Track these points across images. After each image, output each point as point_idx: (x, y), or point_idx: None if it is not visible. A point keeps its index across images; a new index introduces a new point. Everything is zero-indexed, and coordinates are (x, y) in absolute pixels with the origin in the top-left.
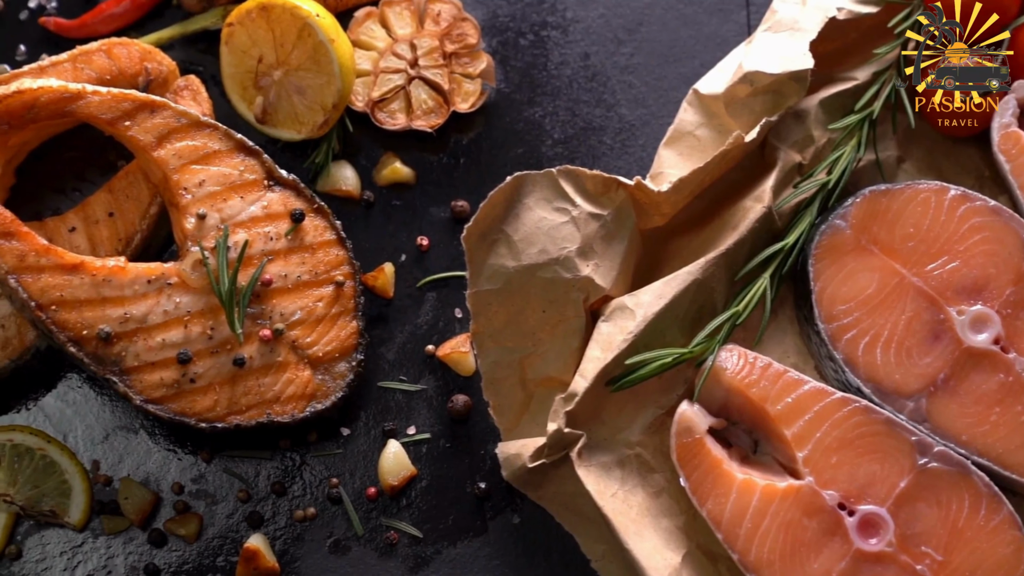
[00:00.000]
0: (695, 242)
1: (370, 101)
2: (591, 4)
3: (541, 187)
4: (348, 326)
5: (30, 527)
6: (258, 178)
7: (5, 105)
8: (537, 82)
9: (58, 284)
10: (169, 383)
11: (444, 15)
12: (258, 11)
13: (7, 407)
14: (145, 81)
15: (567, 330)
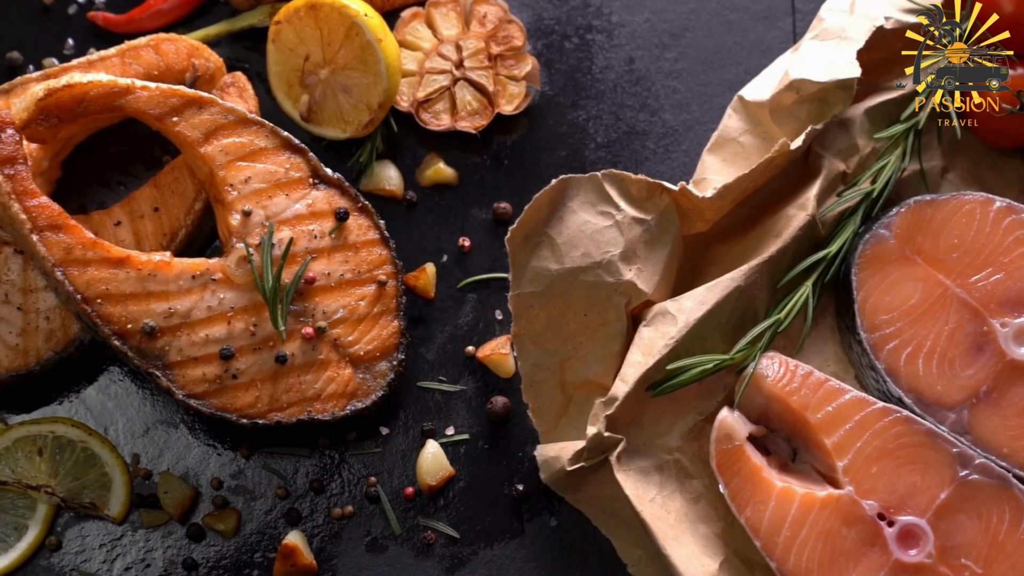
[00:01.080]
0: (737, 249)
1: (415, 101)
2: (637, 8)
3: (585, 191)
4: (390, 325)
5: (70, 519)
6: (303, 176)
7: (55, 99)
8: (581, 85)
9: (104, 278)
10: (211, 379)
11: (490, 17)
12: (306, 9)
13: (49, 399)
14: (192, 77)
15: (608, 334)
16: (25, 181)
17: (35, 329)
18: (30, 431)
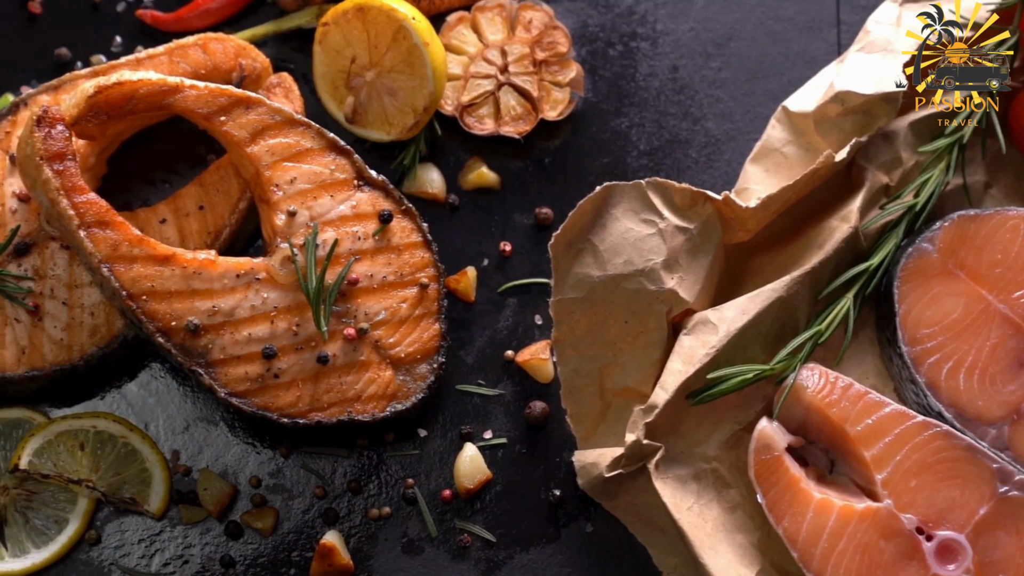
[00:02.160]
0: (778, 259)
1: (459, 105)
2: (681, 17)
3: (629, 198)
4: (431, 328)
5: (109, 513)
6: (348, 177)
7: (105, 96)
8: (625, 93)
9: (149, 275)
10: (253, 377)
11: (535, 23)
12: (354, 12)
13: (91, 393)
14: (239, 77)
15: (648, 341)
16: (74, 177)
17: (79, 324)
18: (72, 425)
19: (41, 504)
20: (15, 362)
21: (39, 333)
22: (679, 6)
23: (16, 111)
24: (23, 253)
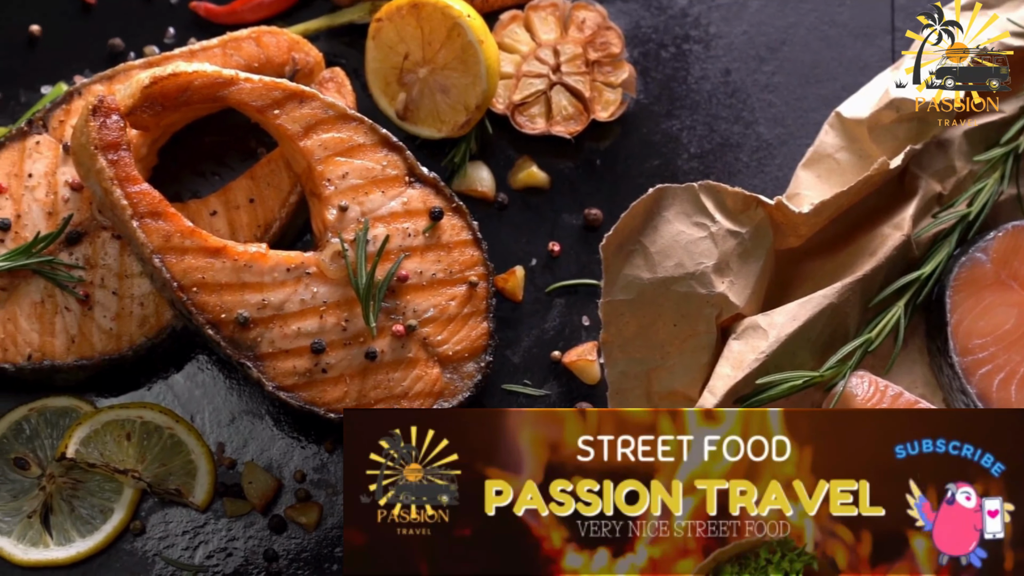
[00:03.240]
0: (829, 265)
1: (511, 104)
2: (735, 20)
3: (681, 201)
4: (479, 327)
5: (154, 504)
6: (400, 174)
7: (160, 87)
8: (676, 95)
9: (200, 266)
10: (301, 371)
11: (589, 23)
12: (409, 8)
13: (138, 384)
14: (291, 71)
15: (697, 345)
16: (128, 167)
17: (129, 314)
18: (119, 415)
19: (87, 493)
20: (64, 351)
21: (89, 322)
22: (733, 9)
23: (70, 100)
24: (75, 242)
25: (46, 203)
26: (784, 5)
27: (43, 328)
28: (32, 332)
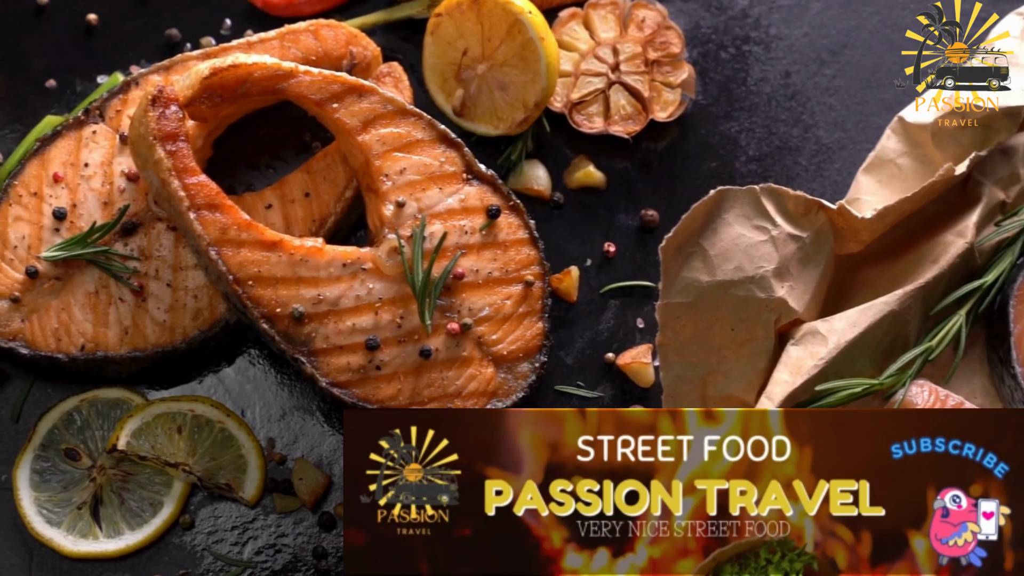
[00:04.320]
0: (888, 272)
1: (569, 102)
2: (796, 22)
3: (742, 203)
4: (534, 327)
5: (203, 498)
6: (457, 171)
7: (220, 78)
8: (735, 97)
9: (256, 260)
10: (355, 368)
11: (648, 22)
12: (469, 4)
13: (189, 377)
14: (349, 65)
15: (754, 350)
16: (186, 158)
17: (183, 306)
18: (171, 408)
19: (137, 486)
20: (118, 342)
21: (142, 314)
22: (794, 11)
23: (127, 90)
24: (130, 233)
25: (102, 193)
26: (846, 8)
27: (97, 319)
28: (86, 322)
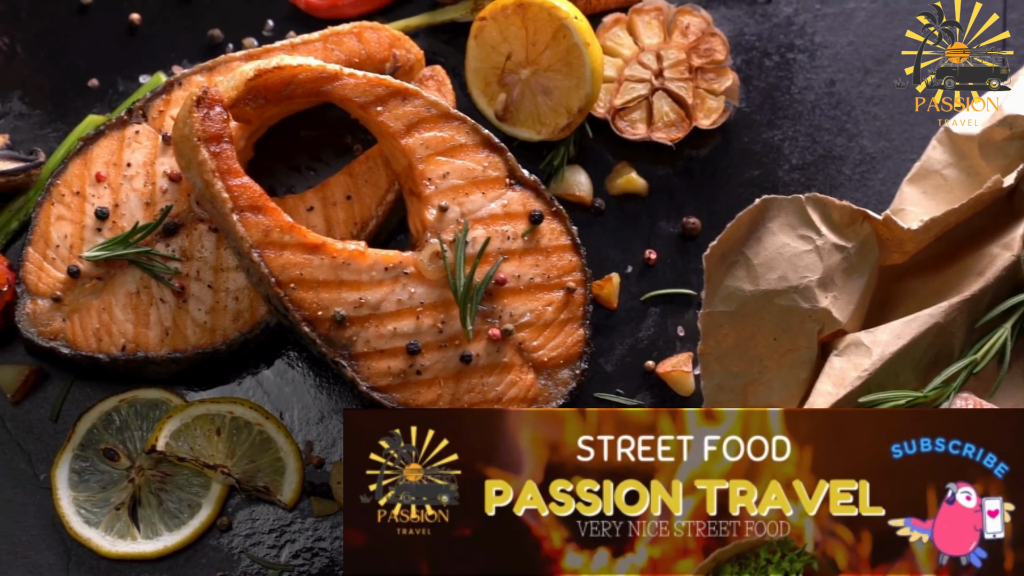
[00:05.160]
0: (932, 284)
1: (612, 108)
2: (841, 31)
3: (787, 212)
4: (575, 333)
5: (241, 501)
6: (500, 176)
7: (264, 79)
8: (779, 104)
9: (299, 263)
10: (396, 372)
11: (693, 28)
12: (514, 8)
13: (227, 378)
14: (392, 68)
15: (796, 360)
16: (230, 160)
17: (224, 308)
18: (210, 410)
19: (175, 487)
20: (158, 343)
21: (183, 315)
22: (839, 19)
23: (170, 90)
24: (171, 233)
25: (144, 193)
26: (892, 17)
27: (138, 319)
28: (127, 323)
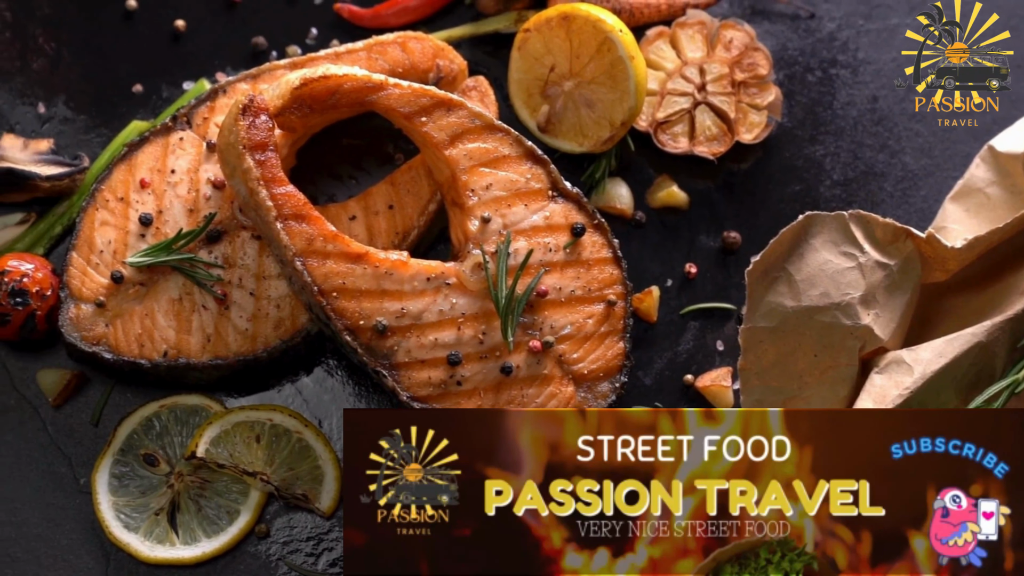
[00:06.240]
0: (975, 302)
1: (654, 121)
2: (884, 47)
3: (830, 229)
4: (615, 346)
5: (279, 508)
6: (543, 187)
7: (310, 89)
8: (821, 120)
9: (341, 272)
10: (436, 383)
11: (736, 43)
12: (559, 20)
13: (267, 385)
14: (435, 78)
15: (836, 377)
16: (275, 168)
17: (265, 316)
18: (249, 417)
19: (214, 493)
20: (200, 349)
21: (225, 322)
22: (882, 35)
23: (214, 98)
24: (214, 240)
25: (188, 200)
26: None
27: (180, 325)
28: (169, 329)
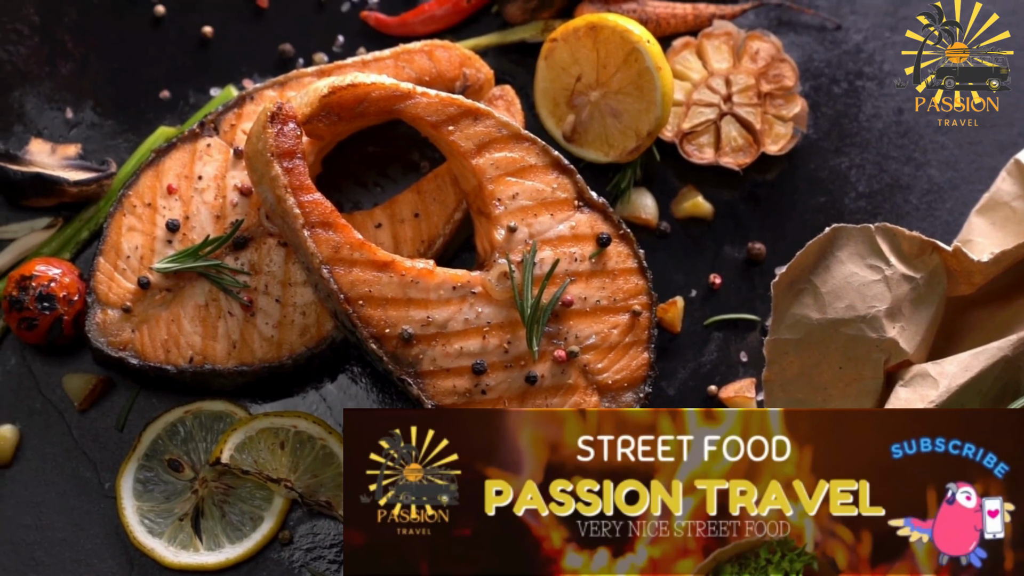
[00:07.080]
0: (1000, 316)
1: (679, 132)
2: (910, 59)
3: (856, 242)
4: (639, 357)
5: (302, 515)
6: (569, 197)
7: (338, 97)
8: (846, 132)
9: (368, 280)
10: (461, 391)
11: (762, 54)
12: (586, 30)
13: (291, 392)
14: (462, 87)
15: (861, 390)
16: (302, 176)
17: (291, 323)
18: (274, 423)
19: (238, 499)
20: (225, 356)
21: (251, 328)
22: (908, 47)
23: (242, 104)
24: (241, 247)
25: (214, 206)
26: None
27: (206, 332)
28: (195, 335)
